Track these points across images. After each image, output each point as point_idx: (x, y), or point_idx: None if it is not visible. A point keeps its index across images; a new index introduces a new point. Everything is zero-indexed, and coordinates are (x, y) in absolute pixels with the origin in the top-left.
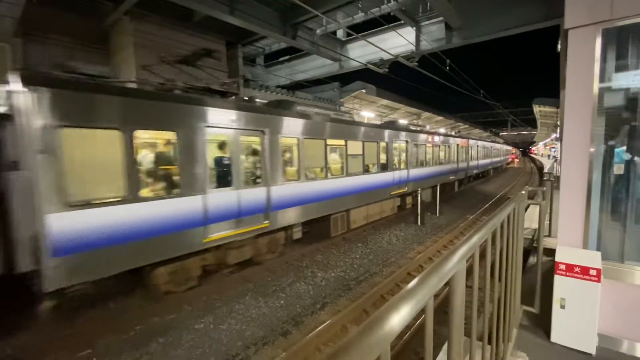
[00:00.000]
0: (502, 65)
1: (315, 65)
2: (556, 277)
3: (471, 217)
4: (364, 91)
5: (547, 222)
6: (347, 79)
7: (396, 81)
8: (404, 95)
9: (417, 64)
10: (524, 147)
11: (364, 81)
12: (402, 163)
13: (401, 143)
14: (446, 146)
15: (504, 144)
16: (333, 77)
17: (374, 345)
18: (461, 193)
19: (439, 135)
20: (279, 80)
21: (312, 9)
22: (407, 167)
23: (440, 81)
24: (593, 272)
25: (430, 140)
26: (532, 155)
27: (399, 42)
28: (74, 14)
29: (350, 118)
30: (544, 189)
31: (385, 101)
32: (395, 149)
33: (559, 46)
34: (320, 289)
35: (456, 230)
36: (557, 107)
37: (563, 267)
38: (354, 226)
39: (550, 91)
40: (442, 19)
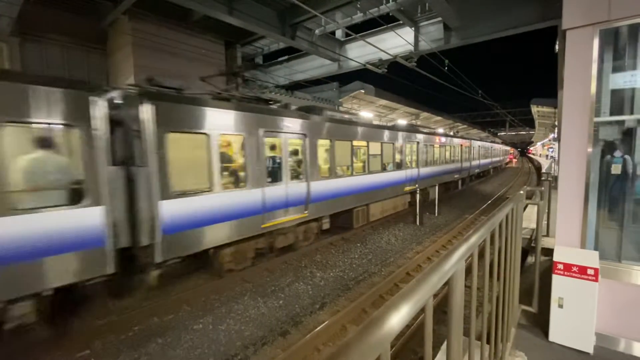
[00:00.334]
0: (500, 65)
1: (314, 66)
2: (554, 277)
3: (470, 217)
4: (363, 91)
5: (545, 222)
6: (346, 79)
7: (395, 81)
8: (402, 96)
9: (415, 64)
10: (522, 147)
11: (362, 81)
12: (414, 162)
13: (413, 144)
14: (451, 147)
15: (502, 144)
16: (332, 77)
17: (373, 345)
18: (460, 193)
19: (445, 137)
20: (278, 80)
21: (311, 9)
22: (418, 166)
23: (439, 81)
24: (591, 272)
25: (437, 141)
26: (530, 155)
27: (397, 42)
28: (71, 13)
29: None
30: (542, 189)
31: (383, 101)
32: (407, 149)
33: (557, 46)
34: (319, 289)
35: (455, 230)
36: (555, 107)
37: (561, 266)
38: (372, 219)
39: (549, 91)
40: (440, 19)
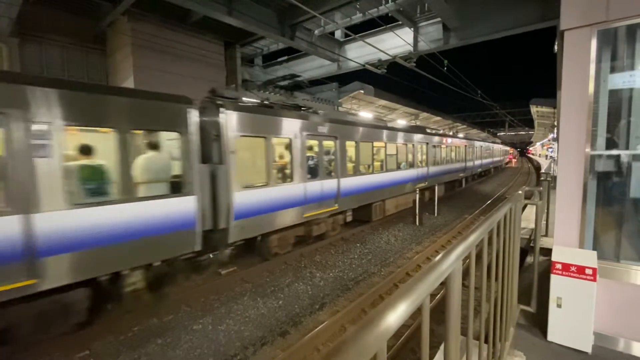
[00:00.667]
0: (499, 65)
1: (314, 66)
2: (552, 277)
3: (469, 217)
4: (362, 92)
5: (544, 222)
6: (346, 79)
7: (394, 81)
8: (401, 96)
9: (414, 64)
10: (522, 148)
11: (362, 82)
12: (424, 162)
13: (423, 144)
14: (457, 147)
15: (502, 144)
16: (331, 77)
17: (370, 343)
18: (460, 193)
19: (451, 138)
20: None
21: (310, 10)
22: (427, 165)
23: (438, 82)
24: (589, 272)
25: (444, 142)
26: (529, 155)
27: (396, 42)
28: (71, 13)
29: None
30: (540, 189)
31: (383, 101)
32: (418, 149)
33: (555, 47)
34: (319, 289)
35: (454, 231)
36: (554, 107)
37: (559, 266)
38: (387, 213)
39: (548, 91)
40: (439, 19)
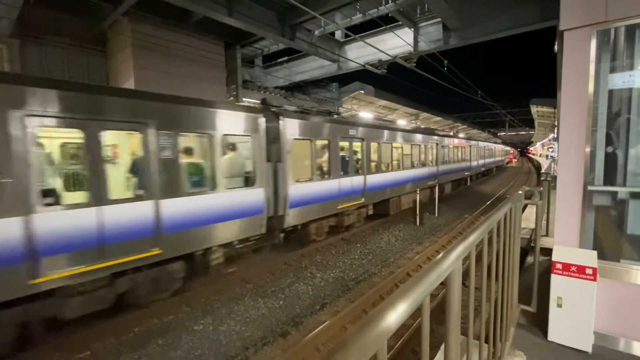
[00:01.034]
0: (500, 65)
1: (314, 66)
2: (553, 276)
3: (470, 217)
4: (363, 92)
5: (544, 222)
6: (346, 79)
7: (394, 82)
8: (402, 96)
9: (415, 64)
10: (522, 148)
11: (362, 82)
12: (434, 161)
13: (433, 145)
14: (462, 148)
15: (502, 144)
16: (332, 77)
17: (371, 342)
18: (460, 193)
19: (458, 139)
20: (278, 81)
21: (311, 11)
22: (437, 165)
23: (438, 82)
24: (589, 271)
25: (452, 142)
26: (530, 155)
27: (397, 43)
28: (71, 15)
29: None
30: (540, 189)
31: (383, 102)
32: (429, 149)
33: (555, 47)
34: (320, 289)
35: (455, 231)
36: (555, 107)
37: (560, 266)
38: (403, 208)
39: (549, 91)
40: (439, 20)
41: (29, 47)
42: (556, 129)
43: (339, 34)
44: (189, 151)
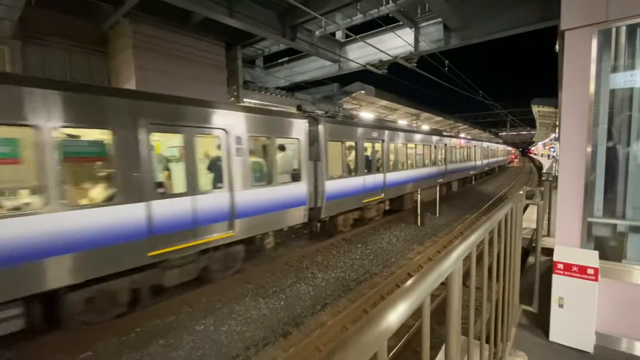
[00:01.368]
0: (501, 65)
1: (315, 67)
2: (554, 277)
3: (471, 217)
4: (363, 92)
5: (546, 222)
6: (346, 80)
7: (395, 82)
8: (403, 96)
9: (415, 64)
10: (523, 147)
11: (363, 82)
12: (442, 160)
13: (442, 145)
14: (468, 148)
15: (504, 144)
16: (332, 78)
17: (371, 342)
18: (460, 193)
19: (464, 139)
20: (278, 81)
21: (311, 11)
22: (445, 164)
23: (439, 82)
24: (591, 272)
25: (459, 143)
26: (531, 155)
27: (397, 43)
28: (73, 16)
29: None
30: (541, 189)
31: (384, 102)
32: (439, 149)
33: (557, 46)
34: (321, 289)
35: (456, 231)
36: (556, 107)
37: (561, 266)
38: (415, 204)
39: (550, 91)
40: (440, 20)
41: (30, 48)
42: (557, 128)
43: (339, 35)
44: (252, 151)
